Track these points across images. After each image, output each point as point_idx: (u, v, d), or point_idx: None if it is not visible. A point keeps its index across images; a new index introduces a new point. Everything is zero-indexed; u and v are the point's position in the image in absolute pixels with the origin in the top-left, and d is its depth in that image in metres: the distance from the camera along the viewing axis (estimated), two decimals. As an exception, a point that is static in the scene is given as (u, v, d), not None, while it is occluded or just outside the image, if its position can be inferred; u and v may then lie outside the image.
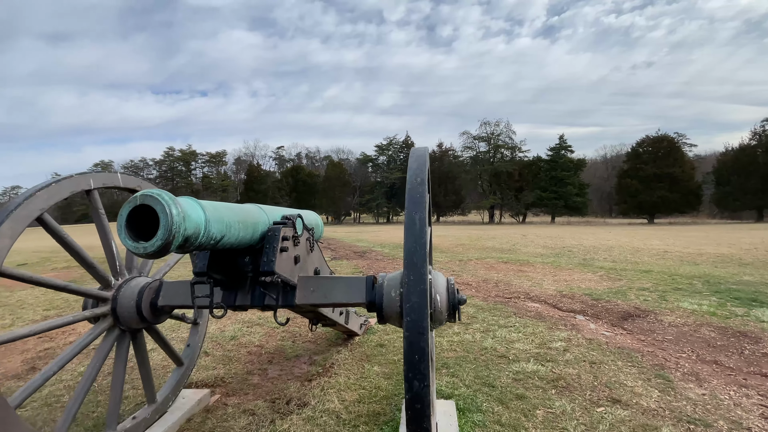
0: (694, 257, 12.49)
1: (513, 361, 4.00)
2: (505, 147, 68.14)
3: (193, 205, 1.78)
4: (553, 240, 18.76)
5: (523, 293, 7.24)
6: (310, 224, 3.04)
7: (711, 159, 68.07)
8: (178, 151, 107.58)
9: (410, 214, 1.68)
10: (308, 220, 3.07)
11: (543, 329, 4.92)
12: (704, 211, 60.35)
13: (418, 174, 1.87)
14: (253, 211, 2.30)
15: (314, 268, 2.78)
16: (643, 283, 8.07)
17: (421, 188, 1.80)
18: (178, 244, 1.65)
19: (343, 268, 11.17)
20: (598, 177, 79.66)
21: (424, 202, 1.74)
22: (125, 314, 2.67)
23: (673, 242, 17.47)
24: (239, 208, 2.17)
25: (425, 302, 1.52)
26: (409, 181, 1.85)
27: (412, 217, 1.67)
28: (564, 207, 61.47)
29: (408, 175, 1.90)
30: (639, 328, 5.12)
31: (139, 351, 2.95)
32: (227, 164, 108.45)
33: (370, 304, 2.31)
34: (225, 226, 1.93)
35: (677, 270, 9.83)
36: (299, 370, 4.11)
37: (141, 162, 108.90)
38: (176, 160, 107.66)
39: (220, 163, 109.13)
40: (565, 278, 8.80)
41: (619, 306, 6.10)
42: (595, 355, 4.10)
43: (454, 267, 10.68)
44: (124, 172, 2.97)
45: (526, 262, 11.45)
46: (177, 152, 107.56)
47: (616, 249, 14.70)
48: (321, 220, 3.42)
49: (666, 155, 55.06)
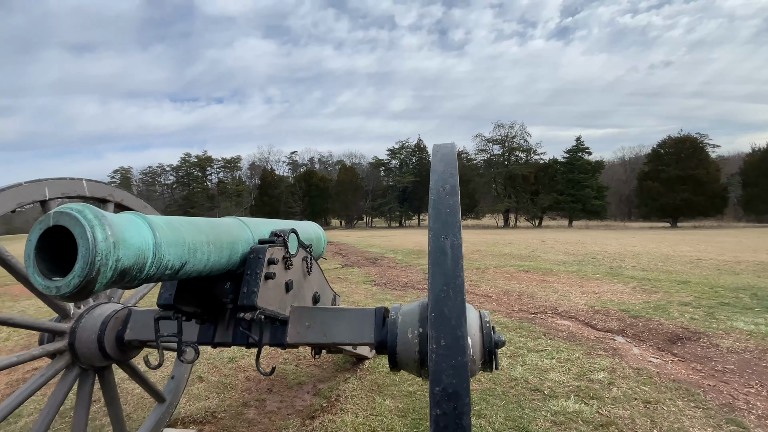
0: (732, 266, 11.58)
1: (549, 396, 3.40)
2: (519, 149, 66.89)
3: (135, 225, 1.29)
4: (574, 246, 17.91)
5: (550, 308, 6.60)
6: (308, 239, 2.53)
7: (735, 160, 65.63)
8: (194, 157, 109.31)
9: (437, 239, 1.18)
10: (306, 234, 2.56)
11: (580, 354, 4.30)
12: (729, 214, 57.96)
13: (447, 179, 1.36)
14: (233, 227, 1.80)
15: (313, 293, 2.27)
16: (682, 296, 7.34)
17: (452, 200, 1.29)
18: (108, 280, 1.16)
19: (354, 276, 10.67)
20: (617, 179, 77.54)
21: (456, 220, 1.23)
22: (85, 350, 2.19)
23: (705, 248, 16.45)
24: (212, 224, 1.67)
25: (466, 387, 1.00)
26: (433, 191, 1.35)
27: (441, 245, 1.17)
28: (582, 210, 59.83)
29: (432, 181, 1.39)
30: (692, 354, 4.46)
31: (107, 389, 2.48)
32: (242, 169, 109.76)
33: (379, 346, 1.80)
34: (187, 249, 1.44)
35: (717, 281, 9.02)
36: (301, 401, 3.60)
37: (158, 168, 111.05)
38: (192, 165, 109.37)
39: (235, 169, 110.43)
40: (593, 290, 8.11)
41: (663, 325, 5.42)
42: (647, 392, 3.47)
43: (472, 276, 10.06)
44: (92, 180, 2.50)
45: (549, 270, 10.76)
46: (193, 158, 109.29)
47: (644, 256, 13.83)
48: (323, 232, 2.91)
49: (689, 156, 53.07)
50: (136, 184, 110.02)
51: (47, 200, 2.23)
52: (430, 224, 1.23)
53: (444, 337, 1.02)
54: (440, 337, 1.02)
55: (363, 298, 7.60)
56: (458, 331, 1.02)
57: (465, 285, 1.15)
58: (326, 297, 2.43)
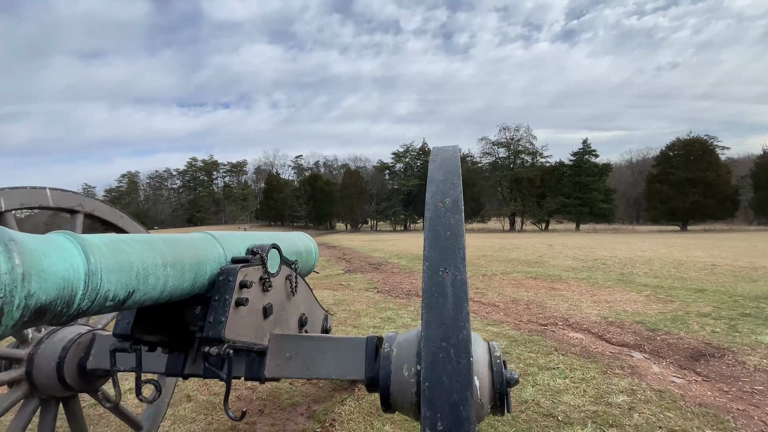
0: (748, 272, 11.14)
1: (564, 423, 3.10)
2: (525, 152, 66.42)
3: (59, 249, 1.05)
4: (583, 251, 17.50)
5: (561, 319, 6.28)
6: (295, 253, 2.27)
7: (745, 162, 64.58)
8: (200, 162, 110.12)
9: (434, 273, 0.91)
10: (293, 248, 2.30)
11: (595, 373, 3.99)
12: (739, 217, 56.90)
13: (448, 191, 1.10)
14: (200, 244, 1.55)
15: (299, 315, 2.00)
16: (700, 306, 6.97)
17: (454, 219, 1.02)
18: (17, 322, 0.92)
19: (357, 282, 10.40)
20: (624, 182, 76.62)
21: (459, 246, 0.96)
22: (44, 380, 1.95)
23: (719, 253, 15.96)
24: (173, 242, 1.42)
25: None
26: (430, 206, 1.08)
27: (439, 282, 0.91)
28: (589, 214, 59.07)
29: (428, 193, 1.13)
30: (717, 373, 4.13)
31: (73, 420, 2.23)
32: (248, 173, 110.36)
33: (370, 383, 1.53)
34: (135, 275, 1.19)
35: (735, 288, 8.62)
36: (294, 425, 3.33)
37: (165, 172, 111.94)
38: (199, 170, 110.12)
39: (241, 173, 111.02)
40: (605, 298, 7.76)
41: (684, 340, 5.08)
42: (672, 419, 3.16)
43: (478, 283, 9.75)
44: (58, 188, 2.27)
45: (558, 277, 10.41)
46: (199, 162, 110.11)
47: (656, 262, 13.41)
48: (314, 243, 2.64)
49: (699, 159, 52.21)
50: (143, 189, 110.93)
51: (2, 212, 2.00)
52: (426, 251, 0.97)
53: (442, 418, 0.76)
54: (436, 419, 0.76)
55: (364, 306, 7.33)
56: (461, 410, 0.76)
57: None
58: (315, 318, 2.17)
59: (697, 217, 51.70)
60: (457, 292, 0.91)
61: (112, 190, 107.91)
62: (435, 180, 1.19)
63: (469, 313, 0.90)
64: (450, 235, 1.00)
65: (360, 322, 6.19)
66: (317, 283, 10.47)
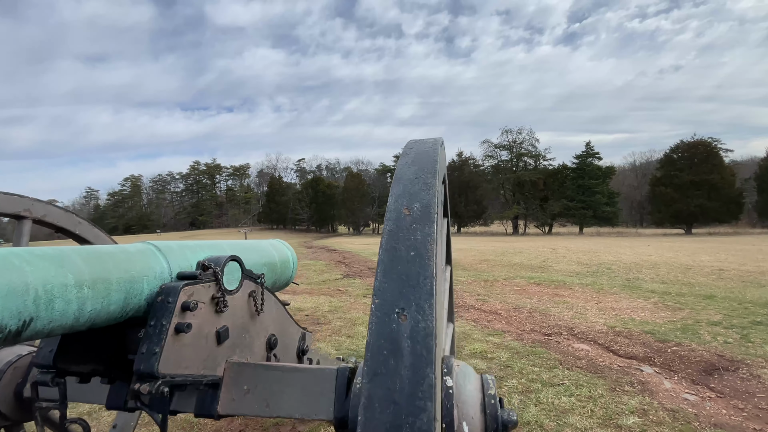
0: (756, 277, 10.85)
1: (570, 448, 2.86)
2: (528, 155, 66.11)
3: None
4: (587, 255, 17.20)
5: (566, 328, 6.03)
6: (267, 264, 2.00)
7: (749, 164, 64.03)
8: (203, 165, 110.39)
9: (384, 317, 0.67)
10: (265, 258, 2.03)
11: (603, 391, 3.74)
12: (743, 219, 56.31)
13: (418, 195, 0.85)
14: (136, 257, 1.30)
15: (266, 337, 1.74)
16: (710, 314, 6.70)
17: (422, 233, 0.76)
18: None
19: (355, 288, 10.17)
20: (627, 185, 76.08)
21: (426, 275, 0.71)
22: None
23: (726, 258, 15.63)
24: (97, 254, 1.18)
25: None
26: (391, 213, 0.82)
27: (390, 332, 0.65)
28: (593, 217, 58.62)
29: (391, 197, 0.87)
30: (732, 389, 3.87)
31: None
32: (250, 177, 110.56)
33: (339, 424, 1.30)
34: (32, 299, 0.97)
35: (744, 294, 8.35)
36: (279, 448, 3.10)
37: (168, 176, 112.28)
38: (201, 173, 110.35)
39: (244, 176, 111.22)
40: (611, 306, 7.50)
41: (695, 351, 4.82)
42: (688, 443, 2.91)
43: (480, 289, 9.50)
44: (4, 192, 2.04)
45: (562, 283, 10.14)
46: (202, 166, 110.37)
47: (662, 266, 13.11)
48: (292, 252, 2.35)
49: (703, 161, 51.73)
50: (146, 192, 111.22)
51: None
52: (377, 282, 0.71)
53: None
54: None
55: (361, 314, 7.09)
56: None
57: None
58: (288, 338, 1.91)
59: (701, 220, 51.18)
60: (417, 348, 0.63)
61: (115, 193, 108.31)
62: (403, 179, 0.91)
63: (433, 386, 0.64)
64: (414, 256, 0.72)
65: (355, 331, 5.96)
66: (313, 288, 10.24)
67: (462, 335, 5.68)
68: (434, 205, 0.81)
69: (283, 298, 1.98)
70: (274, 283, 2.08)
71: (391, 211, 0.84)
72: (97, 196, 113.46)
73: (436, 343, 0.63)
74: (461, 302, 8.03)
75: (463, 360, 4.63)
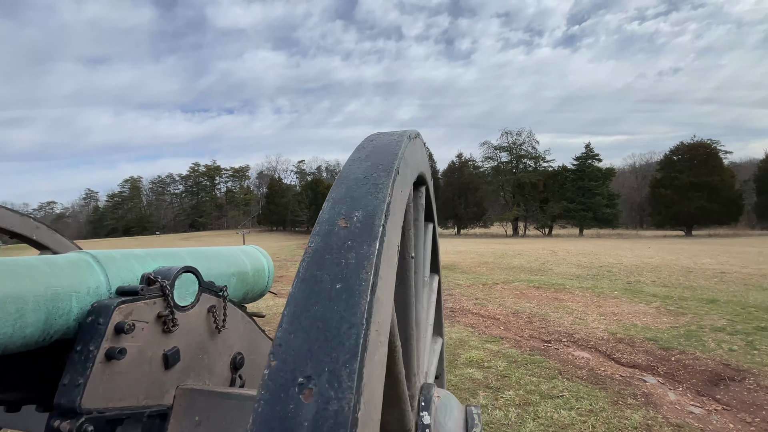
0: (758, 279, 10.70)
1: (570, 467, 2.71)
2: (528, 157, 65.97)
3: None
4: (587, 257, 17.04)
5: (565, 334, 5.87)
6: (238, 273, 1.80)
7: (748, 166, 64.00)
8: (203, 167, 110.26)
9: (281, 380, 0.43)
10: (234, 267, 1.80)
11: (605, 404, 3.59)
12: (742, 221, 56.16)
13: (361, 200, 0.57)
14: (64, 270, 1.11)
15: (231, 356, 1.55)
16: (713, 319, 6.55)
17: (359, 253, 0.52)
18: None
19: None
20: (627, 187, 75.97)
21: (355, 319, 0.47)
22: None
23: (727, 260, 15.48)
24: (12, 269, 1.02)
25: None
26: (322, 225, 0.57)
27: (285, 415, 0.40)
28: (593, 219, 58.47)
29: (327, 201, 0.62)
30: (738, 401, 3.71)
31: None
32: (250, 179, 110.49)
33: None
34: None
35: (746, 298, 8.19)
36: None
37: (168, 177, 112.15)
38: (201, 175, 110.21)
39: (244, 178, 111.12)
40: (612, 310, 7.35)
41: (700, 360, 4.66)
42: (695, 462, 2.76)
43: (478, 293, 9.34)
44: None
45: (562, 287, 9.98)
46: (202, 167, 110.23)
47: (664, 269, 12.96)
48: (268, 259, 2.13)
49: (703, 163, 51.64)
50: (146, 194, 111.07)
51: None
52: (279, 330, 0.47)
53: None
54: None
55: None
56: None
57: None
58: (259, 356, 1.70)
59: (701, 221, 51.05)
60: None
61: (114, 195, 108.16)
62: (348, 179, 0.67)
63: None
64: (340, 290, 0.48)
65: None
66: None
67: (458, 342, 5.53)
68: (381, 214, 0.57)
69: (260, 308, 1.81)
70: (245, 294, 1.89)
71: (322, 223, 0.57)
72: (97, 197, 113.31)
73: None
74: (459, 306, 7.88)
75: (459, 369, 4.47)
